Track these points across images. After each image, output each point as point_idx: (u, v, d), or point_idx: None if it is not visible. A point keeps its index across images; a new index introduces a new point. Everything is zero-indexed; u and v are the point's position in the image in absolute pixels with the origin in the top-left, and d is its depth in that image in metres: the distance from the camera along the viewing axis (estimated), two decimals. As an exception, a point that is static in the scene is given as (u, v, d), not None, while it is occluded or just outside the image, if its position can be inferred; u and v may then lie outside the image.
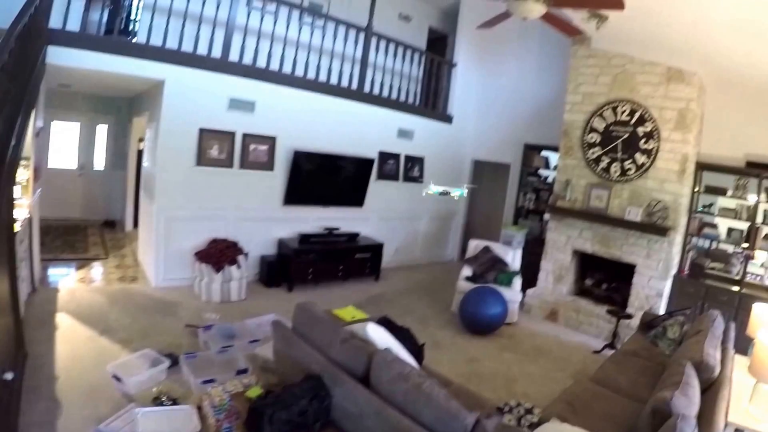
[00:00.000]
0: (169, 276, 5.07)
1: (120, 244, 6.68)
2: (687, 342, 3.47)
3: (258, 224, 5.67)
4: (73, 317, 4.04)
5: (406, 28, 7.63)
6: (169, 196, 4.92)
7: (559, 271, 5.64)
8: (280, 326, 2.67)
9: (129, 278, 5.27)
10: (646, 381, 3.35)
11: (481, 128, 7.79)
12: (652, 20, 4.04)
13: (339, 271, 6.03)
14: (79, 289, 4.74)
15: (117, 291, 4.84)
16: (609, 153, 5.11)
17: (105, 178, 7.95)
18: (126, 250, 6.41)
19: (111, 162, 7.95)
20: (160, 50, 4.55)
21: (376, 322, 3.06)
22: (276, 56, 5.42)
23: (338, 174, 6.24)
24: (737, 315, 4.65)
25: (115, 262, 5.82)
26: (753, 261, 4.94)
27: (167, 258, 5.02)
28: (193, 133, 4.95)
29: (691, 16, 3.75)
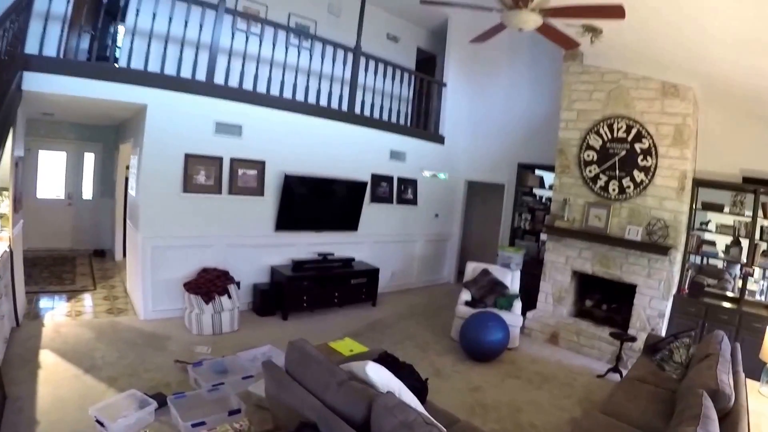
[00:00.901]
0: (158, 307, 4.90)
1: (109, 275, 6.53)
2: (697, 367, 3.36)
3: (249, 252, 5.54)
4: (57, 354, 3.86)
5: (395, 48, 7.66)
6: (155, 225, 4.78)
7: (558, 292, 5.55)
8: (272, 367, 2.52)
9: (117, 310, 5.09)
10: (656, 409, 3.24)
11: (474, 148, 7.77)
12: (645, 35, 4.05)
13: (335, 298, 5.89)
14: (64, 323, 4.56)
15: (104, 324, 4.66)
16: (607, 171, 5.08)
17: (94, 207, 7.88)
18: (115, 281, 6.26)
19: (99, 190, 7.89)
20: (141, 74, 4.47)
21: (377, 358, 2.94)
22: (263, 78, 5.37)
23: (331, 198, 6.15)
24: (738, 334, 4.58)
25: (103, 293, 5.66)
26: (752, 278, 4.92)
27: (155, 289, 4.85)
28: (179, 159, 4.84)
29: (686, 31, 3.75)
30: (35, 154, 7.17)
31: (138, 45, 4.51)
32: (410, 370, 2.89)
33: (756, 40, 3.37)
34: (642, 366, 3.97)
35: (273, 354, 4.25)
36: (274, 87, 5.47)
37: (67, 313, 4.85)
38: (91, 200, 7.89)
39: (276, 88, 5.49)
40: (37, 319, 4.59)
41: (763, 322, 4.47)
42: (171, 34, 4.66)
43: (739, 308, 4.72)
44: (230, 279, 5.11)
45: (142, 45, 4.55)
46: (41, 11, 4.04)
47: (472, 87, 7.75)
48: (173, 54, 4.73)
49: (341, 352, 3.56)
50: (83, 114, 6.22)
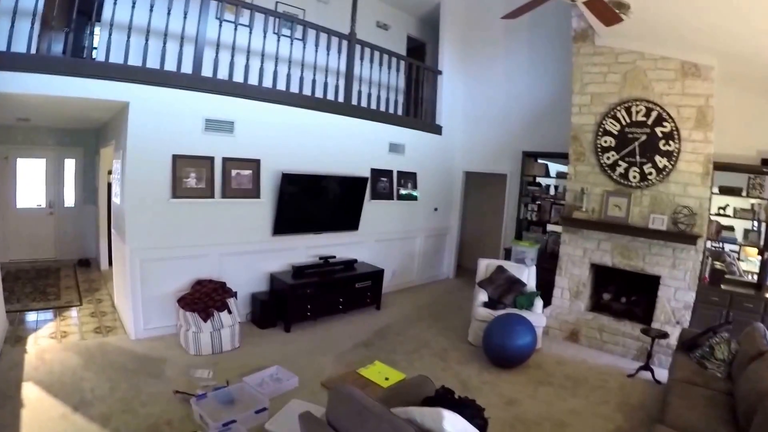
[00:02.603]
0: (150, 326, 4.44)
1: (95, 286, 6.08)
2: (753, 367, 3.14)
3: (246, 259, 5.10)
4: (42, 388, 3.38)
5: (385, 36, 7.26)
6: (143, 236, 4.29)
7: (576, 287, 5.31)
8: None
9: (105, 329, 4.60)
10: (718, 416, 3.00)
11: (473, 138, 7.46)
12: (670, 10, 3.78)
13: (339, 304, 5.51)
14: (49, 348, 4.07)
15: (92, 347, 4.17)
16: (626, 157, 4.83)
17: (76, 215, 7.47)
18: (102, 293, 5.79)
19: (81, 198, 7.46)
20: (122, 68, 3.96)
21: (436, 396, 2.60)
22: (254, 70, 4.91)
23: (330, 196, 5.74)
24: (763, 322, 4.40)
25: (90, 309, 5.17)
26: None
27: (146, 305, 4.38)
28: (166, 161, 4.36)
29: (714, 5, 3.49)
30: (13, 162, 6.87)
31: (117, 38, 3.98)
32: (473, 407, 2.55)
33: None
34: (683, 365, 3.74)
35: (282, 375, 3.87)
36: (267, 79, 5.02)
37: (51, 335, 4.35)
38: (73, 208, 7.49)
39: (269, 80, 5.04)
40: (19, 342, 4.09)
41: (793, 310, 4.34)
42: (152, 25, 4.15)
43: (761, 295, 4.58)
44: (228, 291, 4.66)
45: (121, 38, 4.03)
46: (7, 7, 3.52)
47: (468, 74, 7.44)
48: (156, 47, 4.24)
49: (376, 382, 3.22)
50: (61, 117, 5.66)
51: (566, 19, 5.84)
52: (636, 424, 3.60)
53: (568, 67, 6.07)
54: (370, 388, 3.15)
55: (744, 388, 3.04)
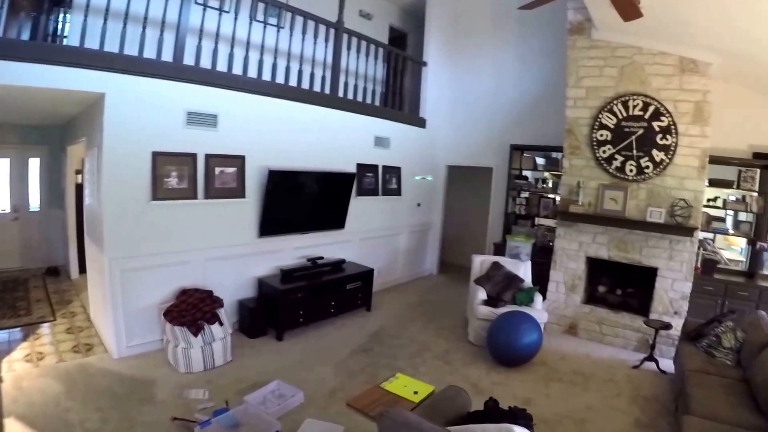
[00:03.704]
0: (133, 342, 4.05)
1: (67, 298, 5.56)
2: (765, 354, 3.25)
3: (231, 264, 4.76)
4: (25, 424, 2.98)
5: (368, 26, 7.02)
6: (122, 244, 3.88)
7: (571, 281, 5.36)
8: None
9: (84, 347, 4.16)
10: (740, 402, 3.10)
11: (456, 131, 7.39)
12: (666, 7, 3.80)
13: (331, 308, 5.28)
14: (26, 374, 3.62)
15: (73, 370, 3.75)
16: (622, 151, 4.89)
17: (43, 220, 6.84)
18: (75, 305, 5.29)
19: (47, 200, 6.82)
20: (97, 55, 3.52)
21: (488, 411, 2.45)
22: (238, 59, 4.56)
23: (318, 194, 5.48)
24: (758, 309, 4.62)
25: (64, 324, 4.70)
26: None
27: (128, 320, 3.99)
28: (145, 159, 3.95)
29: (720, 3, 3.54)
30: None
31: (92, 23, 3.55)
32: (525, 416, 2.42)
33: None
34: (692, 355, 3.83)
35: (284, 391, 3.63)
36: (252, 69, 4.68)
37: (26, 357, 3.89)
38: (39, 212, 6.83)
39: (253, 70, 4.71)
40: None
41: (785, 297, 4.56)
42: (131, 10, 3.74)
43: (754, 282, 4.80)
44: (217, 300, 4.32)
45: (96, 24, 3.60)
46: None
47: (454, 66, 7.35)
48: (134, 34, 3.82)
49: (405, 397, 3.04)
50: (26, 111, 5.03)
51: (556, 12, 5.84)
52: (654, 415, 3.66)
53: (558, 59, 6.12)
54: (401, 404, 2.96)
55: (761, 376, 3.12)
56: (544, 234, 6.30)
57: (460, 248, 8.28)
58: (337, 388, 3.85)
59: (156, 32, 3.93)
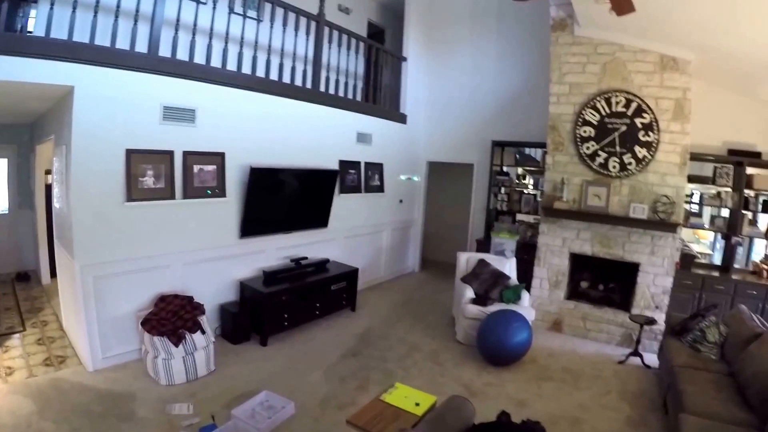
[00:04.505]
0: (110, 353, 3.79)
1: (38, 305, 5.20)
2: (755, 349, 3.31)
3: (212, 267, 4.53)
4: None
5: (346, 21, 6.83)
6: (94, 249, 3.60)
7: (555, 277, 5.38)
8: None
9: (56, 359, 3.86)
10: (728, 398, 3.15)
11: (437, 127, 7.33)
12: (646, 3, 3.81)
13: (316, 309, 5.13)
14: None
15: (46, 386, 3.45)
16: (606, 147, 4.92)
17: (12, 223, 6.41)
18: (46, 313, 4.95)
19: (16, 202, 6.38)
20: (65, 45, 3.22)
21: (498, 421, 2.36)
22: (217, 51, 4.31)
23: (301, 192, 5.29)
24: (733, 303, 4.77)
25: (35, 334, 4.37)
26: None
27: (103, 330, 3.72)
28: (119, 157, 3.68)
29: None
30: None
31: (60, 13, 3.24)
32: (538, 429, 2.34)
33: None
34: (677, 350, 3.89)
35: (273, 402, 3.45)
36: (231, 62, 4.44)
37: None
38: (7, 214, 6.38)
39: (233, 63, 4.47)
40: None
41: (758, 289, 4.71)
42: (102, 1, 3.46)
43: (729, 276, 4.94)
44: (197, 307, 4.09)
45: (64, 15, 3.30)
46: None
47: (434, 61, 7.27)
48: (105, 24, 3.53)
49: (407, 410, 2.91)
50: None
51: (535, 7, 5.84)
52: (643, 412, 3.70)
53: (538, 54, 6.13)
54: (403, 417, 2.85)
55: (750, 370, 3.18)
56: (525, 230, 6.32)
57: (441, 245, 8.25)
58: (329, 395, 3.72)
59: (129, 24, 3.65)
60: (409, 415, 2.90)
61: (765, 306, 4.59)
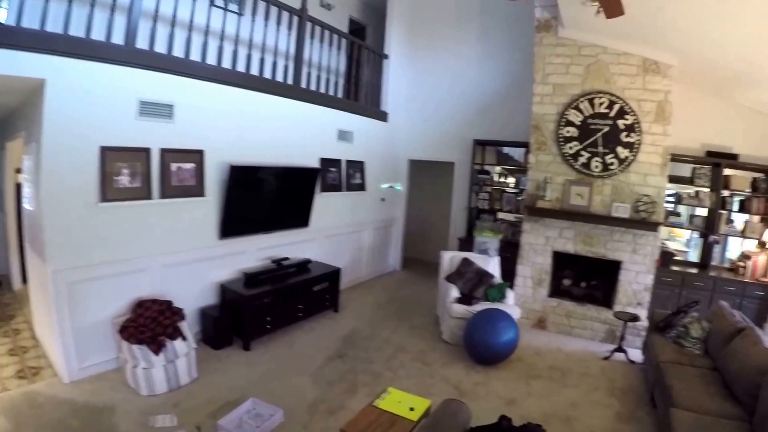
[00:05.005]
0: (86, 363, 3.59)
1: (9, 312, 4.89)
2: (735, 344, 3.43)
3: (190, 269, 4.37)
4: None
5: (327, 17, 6.69)
6: (67, 252, 3.39)
7: (538, 275, 5.45)
8: None
9: (30, 371, 3.63)
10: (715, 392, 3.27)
11: (418, 125, 7.31)
12: (631, 8, 3.90)
13: (299, 312, 5.02)
14: None
15: (19, 400, 3.23)
16: (588, 147, 5.01)
17: None
18: (18, 321, 4.66)
19: None
20: (36, 35, 3.01)
21: (501, 426, 2.35)
22: (196, 45, 4.16)
23: (281, 190, 5.16)
24: (712, 299, 4.95)
25: (7, 344, 4.10)
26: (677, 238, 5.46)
27: (79, 338, 3.51)
28: (93, 155, 3.47)
29: (680, 7, 3.66)
30: None
31: (31, 1, 3.02)
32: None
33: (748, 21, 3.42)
34: (663, 346, 3.99)
35: (261, 410, 3.35)
36: (210, 56, 4.29)
37: None
38: None
39: (212, 57, 4.31)
40: None
41: (736, 286, 4.90)
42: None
43: (707, 273, 5.13)
44: (177, 313, 3.93)
45: (37, 1, 3.08)
46: None
47: (416, 59, 7.24)
48: (80, 14, 3.33)
49: (402, 415, 2.86)
50: None
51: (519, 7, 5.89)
52: (632, 407, 3.79)
53: (521, 54, 6.20)
54: (399, 423, 2.81)
55: (735, 364, 3.29)
56: (506, 228, 6.39)
57: (422, 243, 8.26)
58: (318, 400, 3.64)
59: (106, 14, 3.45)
60: (404, 421, 2.86)
61: (743, 302, 4.79)
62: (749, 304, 4.82)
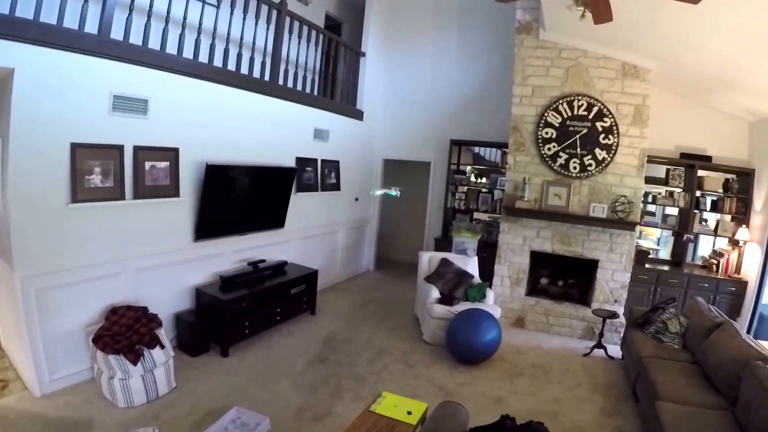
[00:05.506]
0: (58, 375, 3.40)
1: None
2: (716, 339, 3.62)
3: (165, 273, 4.22)
4: None
5: (303, 12, 6.59)
6: (35, 257, 3.19)
7: (516, 274, 5.59)
8: None
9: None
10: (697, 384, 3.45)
11: (394, 124, 7.34)
12: (623, 15, 4.07)
13: (277, 315, 4.95)
14: None
15: None
16: (567, 149, 5.17)
17: None
18: None
19: None
20: (6, 21, 2.81)
21: (506, 426, 2.40)
22: (173, 37, 4.02)
23: (257, 190, 5.05)
24: (686, 295, 5.24)
25: None
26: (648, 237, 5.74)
27: (49, 348, 3.32)
28: (63, 152, 3.29)
29: (661, 14, 3.85)
30: None
31: None
32: (543, 430, 2.40)
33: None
34: (643, 342, 4.16)
35: (246, 418, 3.27)
36: (187, 49, 4.15)
37: None
38: None
39: (189, 50, 4.17)
40: None
41: (709, 282, 5.20)
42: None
43: (681, 271, 5.42)
44: (153, 319, 3.78)
45: None
46: None
47: (393, 58, 7.26)
48: (52, 2, 3.13)
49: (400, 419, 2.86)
50: None
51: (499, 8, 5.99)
52: (615, 401, 3.95)
53: (499, 55, 6.33)
54: (398, 428, 2.82)
55: (714, 358, 3.47)
56: (482, 228, 6.51)
57: (396, 243, 8.29)
58: (303, 407, 3.60)
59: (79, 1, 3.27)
60: (404, 425, 2.87)
61: (717, 297, 5.09)
62: (722, 299, 5.15)
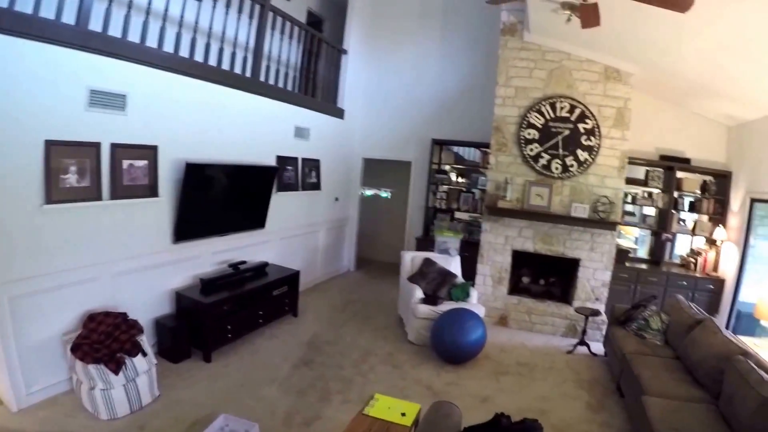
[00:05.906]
0: (35, 387, 3.26)
1: None
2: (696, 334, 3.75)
3: (144, 276, 4.09)
4: None
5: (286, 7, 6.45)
6: (8, 263, 3.03)
7: (498, 273, 5.70)
8: None
9: None
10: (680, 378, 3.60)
11: (374, 123, 7.34)
12: (609, 21, 4.19)
13: (259, 318, 4.88)
14: None
15: None
16: (549, 150, 5.30)
17: None
18: None
19: None
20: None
21: (490, 424, 2.44)
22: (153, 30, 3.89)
23: (238, 190, 4.96)
24: (665, 293, 5.45)
25: None
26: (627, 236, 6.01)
27: (24, 360, 3.16)
28: (37, 149, 3.13)
29: (647, 21, 3.99)
30: None
31: None
32: (537, 428, 2.46)
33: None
34: (626, 339, 4.31)
35: (235, 426, 3.17)
36: (168, 43, 4.02)
37: None
38: None
39: (170, 44, 4.05)
40: None
41: (687, 280, 5.43)
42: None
43: (660, 269, 5.65)
44: (134, 326, 3.64)
45: None
46: None
47: (375, 56, 7.25)
48: None
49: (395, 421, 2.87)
50: None
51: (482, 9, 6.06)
52: (600, 397, 4.09)
53: (482, 56, 6.41)
54: (393, 430, 2.83)
55: (697, 354, 3.62)
56: (463, 228, 6.60)
57: (377, 243, 8.30)
58: (292, 411, 3.57)
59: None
60: (399, 427, 2.89)
61: (695, 295, 5.33)
62: (700, 297, 5.39)
